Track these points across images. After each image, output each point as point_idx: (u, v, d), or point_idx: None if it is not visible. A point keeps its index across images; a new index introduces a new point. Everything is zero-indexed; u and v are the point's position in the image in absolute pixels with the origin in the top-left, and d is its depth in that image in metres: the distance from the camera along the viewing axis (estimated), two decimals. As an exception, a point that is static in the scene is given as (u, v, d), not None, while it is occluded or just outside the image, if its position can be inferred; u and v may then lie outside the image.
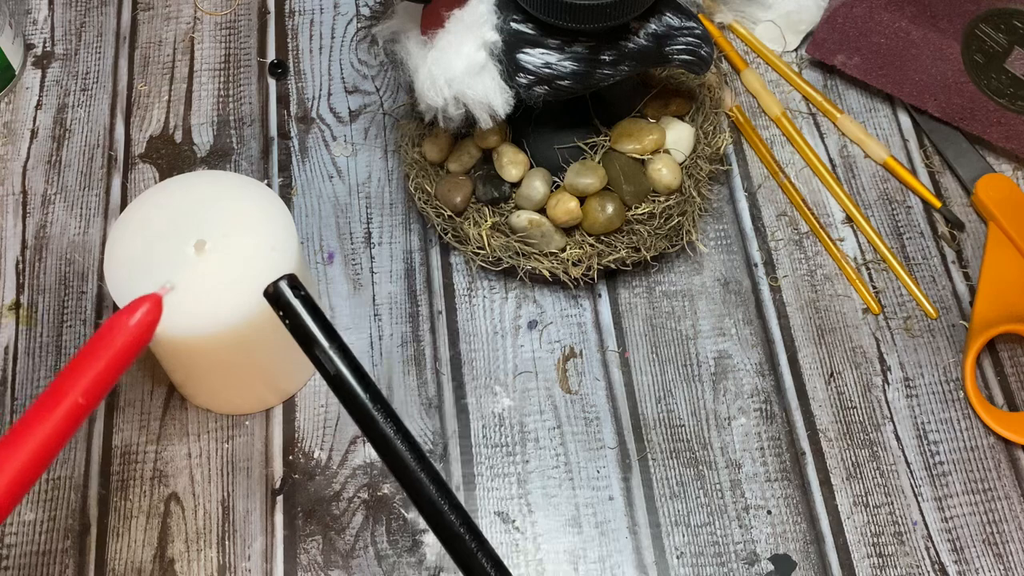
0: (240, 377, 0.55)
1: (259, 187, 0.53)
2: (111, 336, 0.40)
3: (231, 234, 0.51)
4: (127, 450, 0.56)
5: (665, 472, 0.55)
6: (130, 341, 0.41)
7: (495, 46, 0.51)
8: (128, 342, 0.41)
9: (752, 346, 0.58)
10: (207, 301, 0.49)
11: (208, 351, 0.51)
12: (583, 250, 0.56)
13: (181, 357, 0.52)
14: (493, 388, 0.57)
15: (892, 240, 0.62)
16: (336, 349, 0.39)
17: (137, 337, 0.41)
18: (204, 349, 0.50)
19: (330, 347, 0.39)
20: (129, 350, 0.41)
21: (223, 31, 0.70)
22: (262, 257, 0.51)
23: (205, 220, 0.52)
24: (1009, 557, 0.53)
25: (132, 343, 0.41)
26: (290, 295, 0.40)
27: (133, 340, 0.41)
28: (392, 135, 0.65)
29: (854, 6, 0.63)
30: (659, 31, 0.52)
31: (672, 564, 0.53)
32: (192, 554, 0.53)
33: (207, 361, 0.52)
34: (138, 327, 0.41)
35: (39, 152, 0.65)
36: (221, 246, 0.51)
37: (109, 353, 0.40)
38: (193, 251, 0.51)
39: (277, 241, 0.51)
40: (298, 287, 0.40)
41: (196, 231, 0.51)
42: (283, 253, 0.51)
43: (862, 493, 0.55)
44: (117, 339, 0.40)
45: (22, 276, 0.61)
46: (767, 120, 0.66)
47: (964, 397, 0.57)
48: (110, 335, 0.40)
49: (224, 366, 0.53)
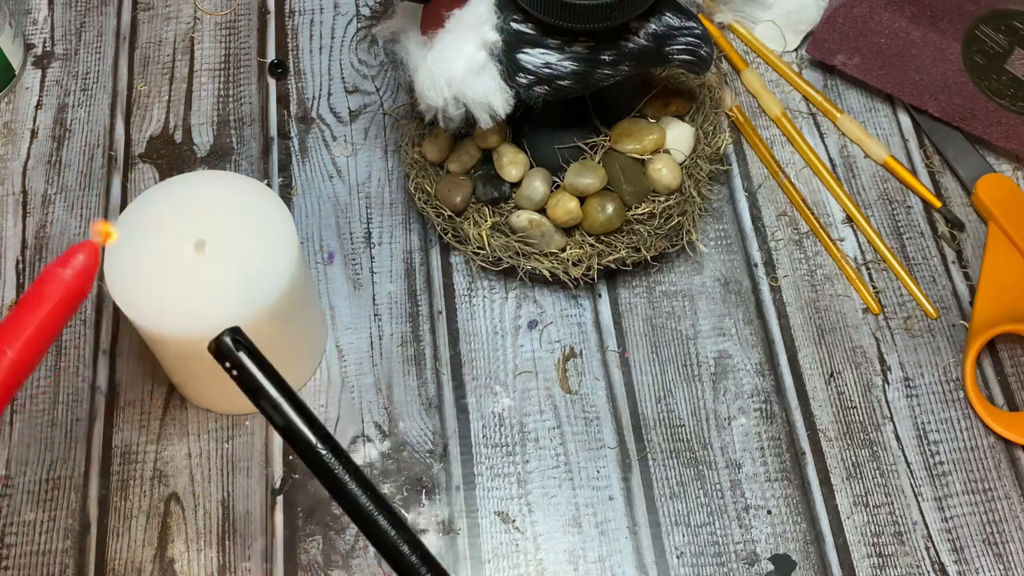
0: None
1: (259, 187, 0.53)
2: (45, 288, 0.39)
3: (231, 234, 0.51)
4: (127, 450, 0.56)
5: (665, 472, 0.55)
6: (65, 293, 0.39)
7: (495, 46, 0.51)
8: (64, 294, 0.39)
9: (752, 346, 0.58)
10: (207, 301, 0.49)
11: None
12: (583, 250, 0.56)
13: (181, 358, 0.52)
14: (493, 388, 0.57)
15: (892, 240, 0.62)
16: (285, 399, 0.39)
17: (73, 288, 0.39)
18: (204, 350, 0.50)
19: (278, 397, 0.39)
20: (65, 303, 0.39)
21: (223, 31, 0.70)
22: (262, 257, 0.51)
23: (205, 220, 0.51)
24: (1009, 557, 0.53)
25: (68, 295, 0.39)
26: (234, 349, 0.40)
27: (68, 292, 0.39)
28: (392, 135, 0.65)
29: (854, 6, 0.63)
30: (659, 31, 0.52)
31: (672, 564, 0.53)
32: (192, 554, 0.53)
33: (207, 361, 0.52)
34: (74, 277, 0.40)
35: (39, 152, 0.65)
36: (221, 246, 0.51)
37: (45, 306, 0.39)
38: (193, 250, 0.50)
39: (277, 241, 0.51)
40: (241, 340, 0.40)
41: (196, 231, 0.51)
42: (283, 253, 0.51)
43: (862, 493, 0.55)
44: (53, 291, 0.39)
45: (22, 276, 0.61)
46: (767, 120, 0.66)
47: (964, 397, 0.57)
48: (44, 287, 0.39)
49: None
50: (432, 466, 0.55)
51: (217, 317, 0.49)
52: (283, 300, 0.50)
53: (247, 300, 0.49)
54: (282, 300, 0.50)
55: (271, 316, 0.50)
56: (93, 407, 0.57)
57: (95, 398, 0.57)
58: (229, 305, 0.49)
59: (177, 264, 0.50)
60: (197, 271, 0.50)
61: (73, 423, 0.57)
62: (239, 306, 0.49)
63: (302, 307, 0.54)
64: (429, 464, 0.55)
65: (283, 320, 0.51)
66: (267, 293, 0.49)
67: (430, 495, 0.55)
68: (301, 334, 0.56)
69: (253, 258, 0.50)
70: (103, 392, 0.57)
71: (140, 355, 0.58)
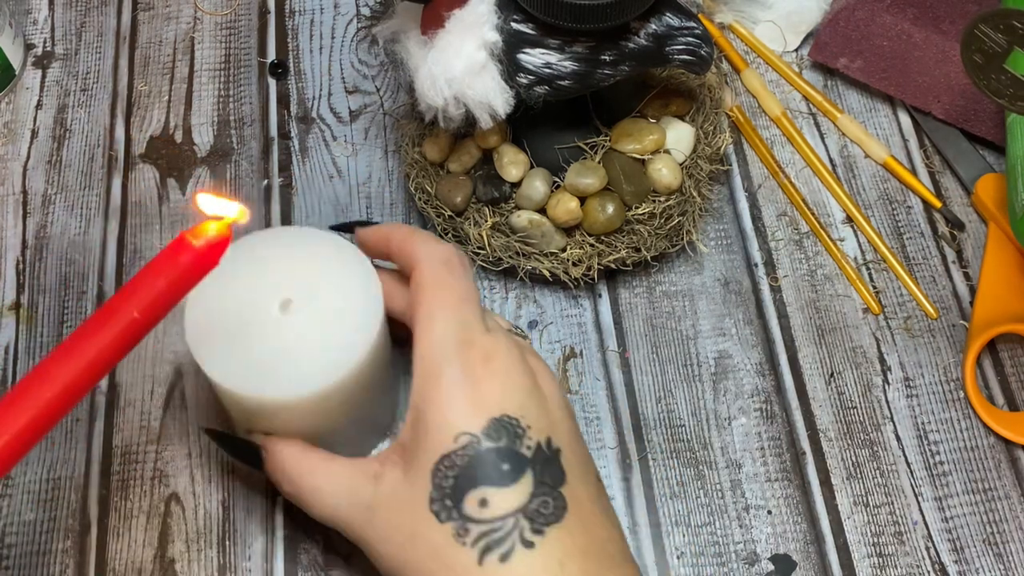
0: (320, 438, 0.52)
1: (343, 243, 0.50)
2: (177, 256, 0.39)
3: (317, 293, 0.48)
4: (127, 450, 0.56)
5: (665, 472, 0.55)
6: (194, 262, 0.39)
7: (495, 46, 0.51)
8: (192, 263, 0.39)
9: (752, 346, 0.58)
10: (292, 362, 0.47)
11: (293, 413, 0.48)
12: (583, 250, 0.56)
13: (261, 417, 0.50)
14: (493, 388, 0.57)
15: (892, 240, 0.62)
16: None
17: (202, 259, 0.39)
18: (284, 409, 0.48)
19: None
20: (193, 271, 0.39)
21: (223, 31, 0.70)
22: (348, 315, 0.48)
23: (289, 278, 0.49)
24: (1009, 557, 0.53)
25: (196, 264, 0.39)
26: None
27: (197, 261, 0.39)
28: (392, 135, 0.65)
29: (856, 9, 0.63)
30: (659, 31, 0.52)
31: (672, 564, 0.53)
32: (192, 554, 0.53)
33: (287, 421, 0.49)
34: (206, 248, 0.40)
35: (39, 152, 0.65)
36: (307, 305, 0.48)
37: (173, 273, 0.39)
38: (278, 310, 0.48)
39: (363, 301, 0.48)
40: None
41: (281, 289, 0.48)
42: (368, 310, 0.48)
43: (862, 493, 0.55)
44: (183, 259, 0.39)
45: (22, 276, 0.61)
46: (767, 120, 0.66)
47: (964, 397, 0.57)
48: (176, 255, 0.39)
49: (302, 429, 0.50)
50: (432, 466, 0.55)
51: (302, 378, 0.47)
52: (367, 361, 0.48)
53: (334, 361, 0.47)
54: (366, 361, 0.48)
55: (358, 378, 0.47)
56: (93, 407, 0.57)
57: (95, 398, 0.57)
58: (315, 366, 0.47)
59: (262, 323, 0.48)
60: (282, 331, 0.48)
61: (73, 423, 0.57)
62: (326, 369, 0.47)
63: (382, 368, 0.51)
64: (429, 464, 0.55)
65: (365, 381, 0.49)
66: (352, 355, 0.47)
67: (430, 495, 0.55)
68: (377, 391, 0.53)
69: (340, 318, 0.48)
70: (103, 392, 0.57)
71: (140, 356, 0.58)
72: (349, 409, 0.49)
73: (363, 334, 0.48)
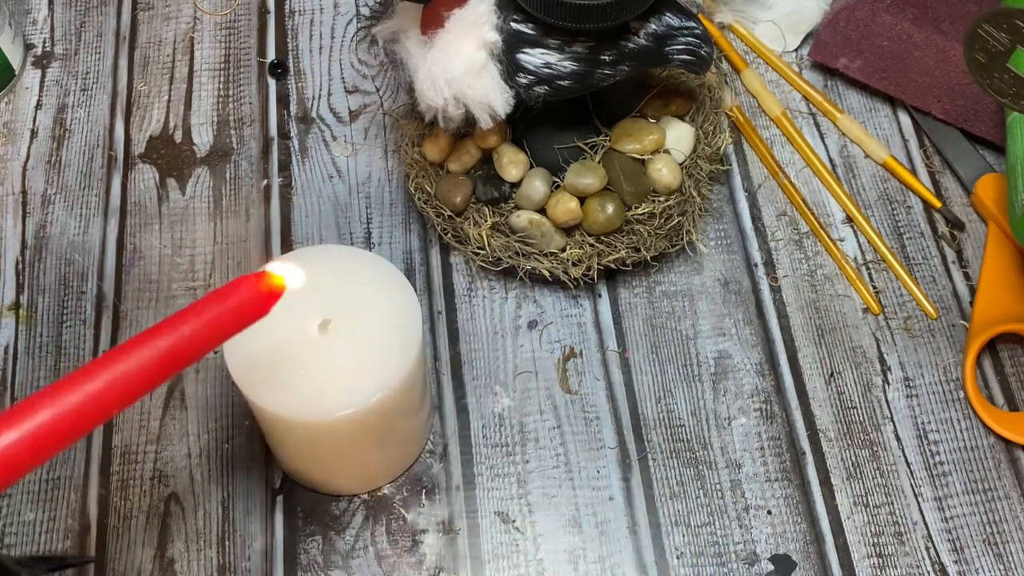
0: (356, 460, 0.52)
1: (380, 262, 0.50)
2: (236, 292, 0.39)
3: (356, 313, 0.48)
4: (127, 450, 0.56)
5: (665, 472, 0.55)
6: (246, 303, 0.39)
7: (495, 46, 0.51)
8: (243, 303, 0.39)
9: (752, 346, 0.58)
10: (332, 383, 0.47)
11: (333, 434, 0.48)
12: (583, 250, 0.56)
13: (299, 440, 0.50)
14: (493, 388, 0.57)
15: (892, 240, 0.62)
16: None
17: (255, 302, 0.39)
18: (324, 432, 0.48)
19: None
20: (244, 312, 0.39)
21: (223, 31, 0.70)
22: (387, 337, 0.48)
23: (328, 298, 0.49)
24: (1009, 557, 0.53)
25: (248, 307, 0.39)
26: None
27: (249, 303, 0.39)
28: (392, 135, 0.65)
29: (856, 9, 0.63)
30: (659, 31, 0.52)
31: (672, 564, 0.53)
32: (192, 554, 0.53)
33: (326, 444, 0.49)
34: (260, 296, 0.40)
35: (39, 152, 0.65)
36: (346, 325, 0.48)
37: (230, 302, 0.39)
38: (317, 330, 0.48)
39: (403, 321, 0.48)
40: None
41: (320, 309, 0.48)
42: (408, 332, 0.48)
43: (862, 493, 0.55)
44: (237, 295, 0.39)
45: (22, 276, 0.61)
46: (767, 120, 0.66)
47: (964, 397, 0.57)
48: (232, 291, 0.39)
49: (342, 448, 0.50)
50: (432, 466, 0.55)
51: (342, 399, 0.47)
52: (407, 382, 0.48)
53: (374, 382, 0.47)
54: (406, 382, 0.48)
55: (398, 398, 0.48)
56: (93, 407, 0.57)
57: (95, 398, 0.57)
58: (355, 386, 0.47)
59: (301, 343, 0.48)
60: (322, 351, 0.48)
61: (73, 423, 0.57)
62: (365, 389, 0.47)
63: (421, 387, 0.51)
64: (429, 464, 0.55)
65: (402, 402, 0.49)
66: (392, 376, 0.47)
67: (430, 495, 0.55)
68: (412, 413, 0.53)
69: (379, 338, 0.48)
70: (103, 392, 0.57)
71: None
72: (390, 426, 0.49)
73: (401, 350, 0.47)
